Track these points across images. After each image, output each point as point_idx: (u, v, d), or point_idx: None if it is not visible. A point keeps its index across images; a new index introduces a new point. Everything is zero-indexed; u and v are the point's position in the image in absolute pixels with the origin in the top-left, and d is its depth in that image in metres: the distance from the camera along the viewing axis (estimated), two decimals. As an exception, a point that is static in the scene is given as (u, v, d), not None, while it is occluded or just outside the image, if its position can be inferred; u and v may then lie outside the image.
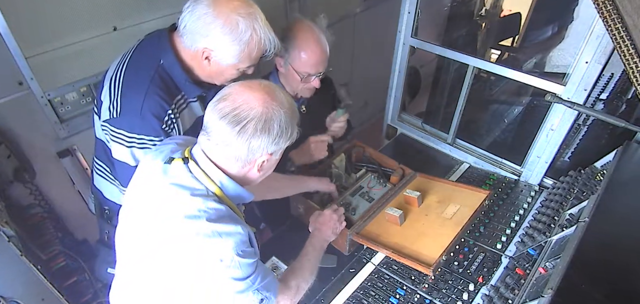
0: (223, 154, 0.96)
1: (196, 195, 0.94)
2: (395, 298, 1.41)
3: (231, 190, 1.01)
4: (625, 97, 2.12)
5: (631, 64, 1.13)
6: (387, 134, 2.50)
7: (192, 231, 0.91)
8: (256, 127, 0.91)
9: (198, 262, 0.94)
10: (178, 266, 0.96)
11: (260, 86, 0.96)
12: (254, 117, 0.91)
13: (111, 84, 1.23)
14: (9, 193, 1.64)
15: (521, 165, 1.95)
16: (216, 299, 1.04)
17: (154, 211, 0.97)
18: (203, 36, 1.16)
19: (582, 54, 1.54)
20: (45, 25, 1.55)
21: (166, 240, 0.95)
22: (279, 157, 1.06)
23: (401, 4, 2.06)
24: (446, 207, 1.60)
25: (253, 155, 0.96)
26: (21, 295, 1.21)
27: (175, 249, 0.94)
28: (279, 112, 0.94)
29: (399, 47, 2.18)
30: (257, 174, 1.04)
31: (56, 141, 1.73)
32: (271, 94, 0.95)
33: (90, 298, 1.63)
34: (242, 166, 0.98)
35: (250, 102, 0.92)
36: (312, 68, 1.58)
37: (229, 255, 0.93)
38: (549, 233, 1.47)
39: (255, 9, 1.20)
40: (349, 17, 2.97)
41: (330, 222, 1.47)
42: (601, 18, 1.12)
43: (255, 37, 1.19)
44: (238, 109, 0.91)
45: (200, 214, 0.91)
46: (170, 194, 0.96)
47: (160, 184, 0.97)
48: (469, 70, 1.94)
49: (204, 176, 0.97)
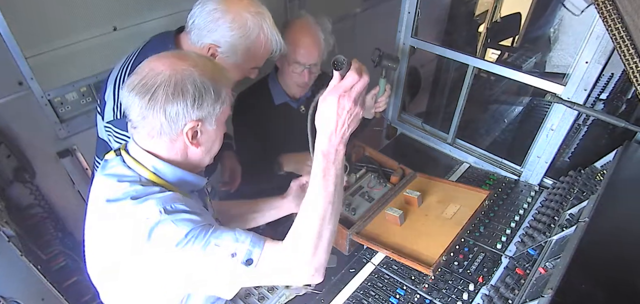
0: (146, 133, 0.90)
1: (123, 181, 0.90)
2: (395, 298, 1.41)
3: (169, 175, 0.94)
4: (625, 97, 2.13)
5: (631, 64, 1.13)
6: (387, 134, 2.50)
7: (115, 211, 0.87)
8: (167, 92, 0.84)
9: (126, 237, 0.87)
10: (113, 252, 0.91)
11: (170, 53, 0.91)
12: (162, 83, 0.84)
13: (115, 85, 1.23)
14: (9, 193, 1.64)
15: (521, 165, 1.95)
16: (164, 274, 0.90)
17: (91, 203, 0.96)
18: (211, 32, 1.17)
19: (582, 54, 1.54)
20: (45, 25, 1.55)
21: (97, 228, 0.93)
22: (219, 127, 0.96)
23: (401, 4, 2.06)
24: (446, 207, 1.60)
25: (175, 124, 0.88)
26: (21, 295, 1.22)
27: (106, 232, 0.91)
28: (191, 71, 0.87)
29: (399, 47, 2.18)
30: (196, 150, 0.95)
31: (56, 141, 1.73)
32: (181, 57, 0.90)
33: (90, 298, 1.62)
34: (170, 140, 0.91)
35: (156, 68, 0.86)
36: (300, 57, 1.59)
37: (153, 211, 0.84)
38: (549, 233, 1.47)
39: (264, 10, 1.21)
40: (349, 17, 2.97)
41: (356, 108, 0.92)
42: (601, 18, 1.12)
43: (262, 36, 1.20)
44: (145, 78, 0.85)
45: (123, 196, 0.87)
46: (100, 183, 0.93)
47: (96, 179, 0.96)
48: (469, 70, 1.94)
49: (136, 163, 0.93)
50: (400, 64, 2.18)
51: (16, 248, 1.25)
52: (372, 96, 1.77)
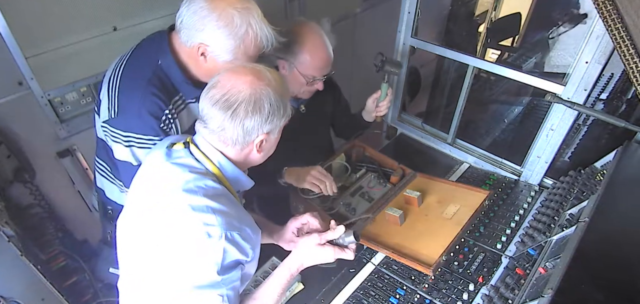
0: (221, 139, 1.00)
1: (194, 172, 0.99)
2: (395, 298, 1.41)
3: (230, 172, 1.04)
4: (625, 97, 2.13)
5: (631, 64, 1.13)
6: (387, 134, 2.51)
7: (186, 203, 0.94)
8: (247, 109, 0.95)
9: (186, 233, 0.94)
10: (168, 236, 0.96)
11: (247, 70, 0.99)
12: (243, 100, 0.95)
13: (110, 84, 1.22)
14: (9, 193, 1.64)
15: (521, 165, 1.95)
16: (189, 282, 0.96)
17: (155, 186, 1.02)
18: (198, 31, 1.15)
19: (582, 54, 1.54)
20: (45, 25, 1.55)
21: (163, 211, 0.97)
22: (278, 134, 1.09)
23: (401, 4, 2.06)
24: (446, 207, 1.60)
25: (249, 136, 0.99)
26: (21, 295, 1.22)
27: (169, 219, 0.96)
28: (268, 91, 0.97)
29: (399, 47, 2.18)
30: (258, 155, 1.07)
31: (56, 141, 1.73)
32: (258, 75, 0.99)
33: (90, 298, 1.63)
34: (241, 148, 1.02)
35: (238, 85, 0.96)
36: (318, 71, 1.57)
37: (217, 232, 0.93)
38: (549, 233, 1.47)
39: (251, 5, 1.19)
40: (349, 17, 2.97)
41: (323, 260, 1.15)
42: (601, 18, 1.12)
43: (251, 32, 1.18)
44: (227, 94, 0.95)
45: (197, 189, 0.95)
46: (170, 171, 1.00)
47: (163, 165, 1.02)
48: (469, 70, 1.94)
49: (204, 157, 1.02)
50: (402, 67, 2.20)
51: (16, 248, 1.25)
52: (373, 100, 1.78)
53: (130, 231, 1.06)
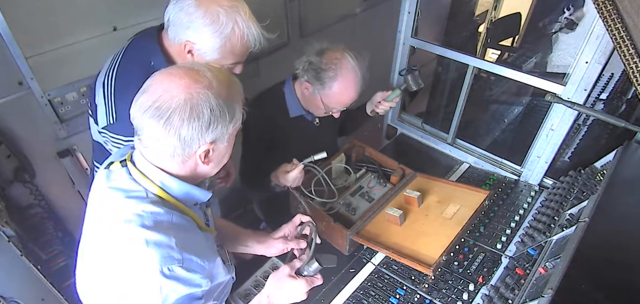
0: (157, 152, 0.88)
1: (131, 197, 0.88)
2: (395, 298, 1.41)
3: (176, 190, 0.92)
4: (625, 97, 2.13)
5: (631, 64, 1.13)
6: (387, 134, 2.51)
7: (122, 237, 0.85)
8: (182, 117, 0.81)
9: (123, 271, 0.86)
10: (108, 273, 0.88)
11: (183, 71, 0.86)
12: (177, 107, 0.81)
13: (104, 88, 1.21)
14: (9, 193, 1.64)
15: (521, 165, 1.95)
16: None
17: (95, 216, 0.93)
18: (185, 28, 1.14)
19: (582, 54, 1.54)
20: (45, 25, 1.55)
21: (101, 245, 0.89)
22: (230, 143, 0.96)
23: (401, 4, 2.06)
24: (446, 207, 1.60)
25: (189, 148, 0.86)
26: (21, 295, 1.21)
27: (107, 255, 0.88)
28: (207, 94, 0.83)
29: (399, 47, 2.18)
30: (206, 167, 0.93)
31: (56, 141, 1.73)
32: (195, 76, 0.85)
33: (90, 298, 1.63)
34: (182, 161, 0.89)
35: (170, 90, 0.82)
36: (340, 106, 1.56)
37: (152, 268, 0.83)
38: (549, 233, 1.47)
39: (239, 3, 1.17)
40: (349, 17, 2.97)
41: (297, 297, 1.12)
42: (601, 18, 1.12)
43: (237, 30, 1.16)
44: (158, 101, 0.81)
45: (132, 218, 0.85)
46: (108, 198, 0.90)
47: (101, 190, 0.93)
48: (469, 70, 1.94)
49: (143, 178, 0.90)
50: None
51: (16, 248, 1.25)
52: (381, 96, 1.77)
53: (82, 265, 0.97)
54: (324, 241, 1.59)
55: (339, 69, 1.49)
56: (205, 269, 0.93)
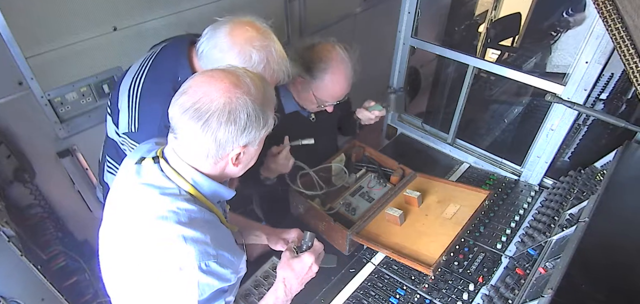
0: (192, 151, 0.91)
1: (166, 194, 0.90)
2: (395, 298, 1.41)
3: (206, 188, 0.96)
4: (625, 97, 2.13)
5: (631, 64, 1.13)
6: (387, 134, 2.50)
7: (158, 233, 0.87)
8: (220, 120, 0.84)
9: (159, 266, 0.88)
10: (142, 268, 0.91)
11: (223, 74, 0.89)
12: (216, 110, 0.84)
13: (130, 94, 1.23)
14: (9, 193, 1.64)
15: (521, 165, 1.95)
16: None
17: (127, 211, 0.95)
18: (217, 64, 1.15)
19: (582, 54, 1.54)
20: (45, 25, 1.55)
21: (135, 241, 0.91)
22: (259, 147, 0.99)
23: (401, 4, 2.06)
24: (446, 207, 1.60)
25: (223, 150, 0.89)
26: (21, 295, 1.21)
27: (141, 250, 0.90)
28: (245, 100, 0.86)
29: (399, 47, 2.18)
30: (235, 169, 0.97)
31: (56, 141, 1.73)
32: (235, 81, 0.88)
33: (90, 298, 1.63)
34: (214, 162, 0.92)
35: (210, 93, 0.85)
36: (332, 99, 1.56)
37: (191, 264, 0.86)
38: (549, 233, 1.47)
39: (270, 41, 1.18)
40: (349, 17, 2.97)
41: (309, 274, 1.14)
42: (601, 18, 1.12)
43: (268, 70, 1.18)
44: (198, 103, 0.84)
45: (168, 215, 0.87)
46: (140, 194, 0.92)
47: (133, 185, 0.94)
48: (469, 70, 1.94)
49: (176, 175, 0.93)
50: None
51: (16, 248, 1.25)
52: (368, 103, 1.77)
53: (109, 255, 1.01)
54: (324, 241, 1.58)
55: (330, 60, 1.50)
56: (234, 264, 0.97)
